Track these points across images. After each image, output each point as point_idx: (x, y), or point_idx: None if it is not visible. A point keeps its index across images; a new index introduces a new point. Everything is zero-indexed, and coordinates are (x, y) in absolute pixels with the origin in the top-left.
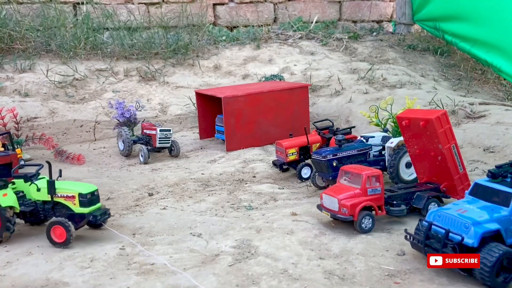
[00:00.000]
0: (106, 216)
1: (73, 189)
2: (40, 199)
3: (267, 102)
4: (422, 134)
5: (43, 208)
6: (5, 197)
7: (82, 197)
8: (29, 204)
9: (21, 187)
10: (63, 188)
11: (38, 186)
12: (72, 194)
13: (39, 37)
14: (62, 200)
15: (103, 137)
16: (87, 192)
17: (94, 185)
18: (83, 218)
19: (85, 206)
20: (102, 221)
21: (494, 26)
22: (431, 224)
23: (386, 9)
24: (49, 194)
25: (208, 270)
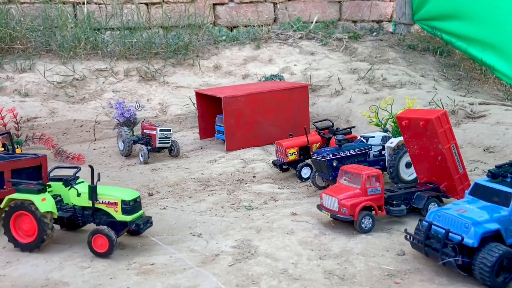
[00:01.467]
0: (148, 225)
1: (115, 195)
2: (79, 205)
3: (267, 102)
4: (422, 134)
5: (82, 214)
6: (43, 202)
7: (125, 204)
8: (67, 210)
9: (59, 190)
10: (105, 194)
11: (78, 190)
12: (114, 201)
13: (39, 37)
14: (104, 207)
15: (103, 137)
16: (130, 199)
17: (136, 191)
18: (125, 227)
19: (128, 213)
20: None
21: (489, 24)
22: (431, 224)
23: (386, 9)
24: (90, 200)
25: (208, 270)
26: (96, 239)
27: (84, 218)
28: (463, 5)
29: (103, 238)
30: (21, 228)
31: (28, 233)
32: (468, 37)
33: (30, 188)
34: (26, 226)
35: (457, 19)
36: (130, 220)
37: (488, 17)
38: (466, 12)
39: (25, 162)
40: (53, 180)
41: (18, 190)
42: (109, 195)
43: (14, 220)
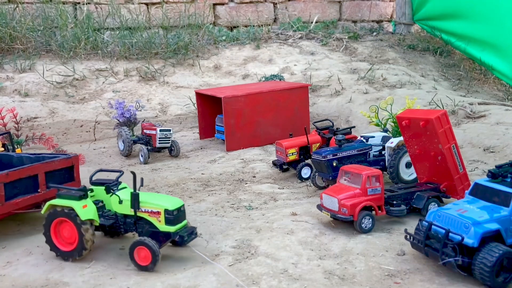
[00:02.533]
0: (193, 236)
1: (158, 203)
2: (121, 212)
3: (267, 102)
4: (422, 134)
5: (124, 222)
6: (85, 208)
7: (168, 214)
8: (109, 217)
9: (100, 195)
10: (147, 202)
11: (120, 197)
12: (157, 210)
13: (39, 37)
14: (146, 216)
15: (103, 137)
16: (173, 208)
17: (179, 199)
18: (168, 238)
19: (171, 224)
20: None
21: (489, 24)
22: (431, 224)
23: (386, 9)
24: (132, 208)
25: (208, 270)
26: (138, 251)
27: (126, 227)
28: (463, 5)
29: (146, 250)
30: (62, 235)
31: (69, 241)
32: (467, 36)
33: (71, 194)
34: (66, 233)
35: (457, 19)
36: (173, 231)
37: (488, 17)
38: (465, 12)
39: (59, 163)
40: (96, 185)
41: (58, 196)
42: (152, 203)
43: (55, 227)
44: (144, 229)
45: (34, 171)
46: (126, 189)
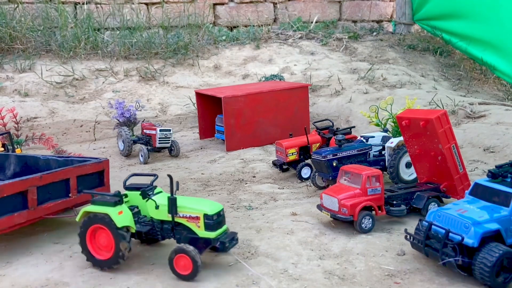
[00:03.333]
0: (234, 242)
1: (197, 208)
2: (158, 218)
3: (267, 102)
4: (422, 134)
5: (161, 228)
6: (121, 215)
7: (208, 219)
8: (145, 223)
9: (135, 201)
10: (185, 206)
11: (156, 202)
12: (196, 215)
13: (39, 37)
14: (184, 222)
15: (103, 137)
16: (213, 213)
17: (219, 203)
18: (208, 244)
19: (211, 229)
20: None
21: (489, 24)
22: (431, 224)
23: (386, 9)
24: (169, 213)
25: (208, 270)
26: (178, 259)
27: (163, 233)
28: (463, 5)
29: (187, 258)
30: (98, 243)
31: (105, 249)
32: (468, 36)
33: (106, 199)
34: (103, 241)
35: (458, 18)
36: (214, 237)
37: (488, 16)
38: (466, 11)
39: (90, 167)
40: (130, 189)
41: (93, 202)
42: (190, 208)
43: (91, 234)
44: (183, 235)
45: (67, 175)
46: (162, 194)
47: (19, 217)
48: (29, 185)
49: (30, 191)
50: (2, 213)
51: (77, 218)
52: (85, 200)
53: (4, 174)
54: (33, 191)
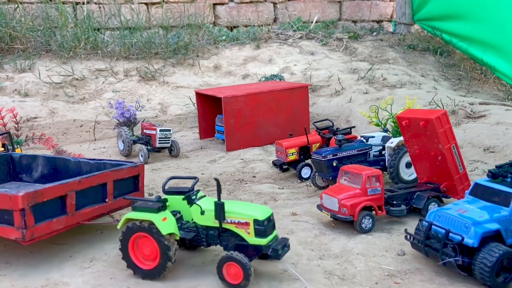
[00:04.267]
0: (286, 249)
1: (246, 213)
2: (203, 224)
3: (267, 102)
4: (422, 134)
5: (206, 234)
6: (165, 221)
7: (258, 225)
8: (189, 229)
9: (176, 206)
10: (233, 211)
11: (202, 208)
12: (245, 221)
13: (39, 37)
14: (233, 228)
15: (103, 137)
16: (264, 218)
17: (268, 208)
18: (259, 252)
19: (262, 236)
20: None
21: (490, 25)
22: (431, 224)
23: (386, 9)
24: (217, 219)
25: (208, 270)
26: (228, 267)
27: (209, 240)
28: (463, 6)
29: (237, 267)
30: (141, 251)
31: (149, 258)
32: (469, 37)
33: (148, 206)
34: (146, 249)
35: (458, 19)
36: (265, 244)
37: (488, 17)
38: (466, 12)
39: (127, 171)
40: (170, 193)
41: (134, 208)
42: (239, 213)
43: (133, 243)
44: (230, 242)
45: (104, 179)
46: (205, 198)
47: (58, 223)
48: (69, 190)
49: (69, 196)
50: (41, 219)
51: (118, 226)
52: (120, 206)
53: (31, 176)
54: (72, 195)
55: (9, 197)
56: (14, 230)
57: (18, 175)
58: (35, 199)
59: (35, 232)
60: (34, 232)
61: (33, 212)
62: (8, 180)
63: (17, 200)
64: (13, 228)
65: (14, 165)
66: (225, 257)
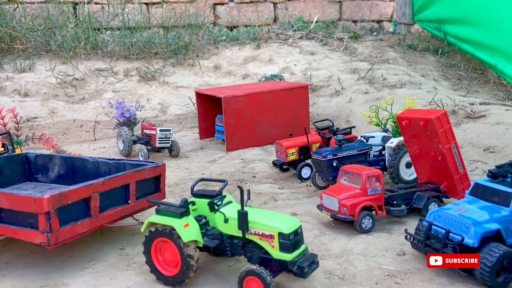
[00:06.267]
0: (314, 266)
1: (271, 225)
2: (227, 233)
3: (267, 102)
4: (422, 134)
5: (231, 243)
6: (187, 228)
7: (284, 238)
8: (214, 236)
9: (203, 210)
10: (257, 222)
11: (225, 215)
12: (270, 233)
13: (39, 37)
14: (257, 240)
15: (103, 137)
16: (290, 231)
17: (296, 220)
18: (284, 267)
19: (287, 250)
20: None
21: (499, 30)
22: (431, 224)
23: (386, 9)
24: (240, 229)
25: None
26: (249, 281)
27: (233, 249)
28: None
29: (258, 282)
30: (164, 257)
31: (171, 264)
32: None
33: (171, 210)
34: (168, 255)
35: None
36: (290, 260)
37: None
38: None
39: (149, 172)
40: (198, 196)
41: (158, 212)
42: (263, 224)
43: (156, 247)
44: (254, 254)
45: (127, 180)
46: (232, 204)
47: (82, 226)
48: (93, 191)
49: (93, 198)
50: (66, 222)
51: (142, 229)
52: (142, 208)
53: (47, 176)
54: (96, 197)
55: (33, 199)
56: (38, 234)
57: (34, 175)
58: (60, 202)
59: (60, 236)
60: (59, 236)
61: (58, 215)
62: (24, 181)
63: (43, 203)
64: (37, 232)
65: (30, 165)
66: (246, 271)
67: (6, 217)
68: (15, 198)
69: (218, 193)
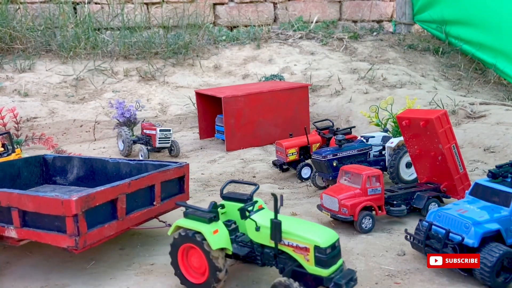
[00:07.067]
0: (352, 284)
1: (306, 237)
2: (258, 242)
3: (267, 102)
4: (422, 134)
5: (262, 252)
6: (216, 234)
7: (320, 252)
8: (244, 243)
9: (233, 214)
10: (292, 233)
11: (257, 223)
12: (305, 245)
13: (39, 37)
14: (290, 251)
15: (103, 137)
16: (327, 245)
17: (334, 232)
18: (319, 283)
19: (323, 266)
20: None
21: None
22: (432, 224)
23: (386, 9)
24: (272, 239)
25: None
26: None
27: (264, 259)
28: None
29: None
30: (191, 263)
31: (198, 271)
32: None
33: (199, 214)
34: (195, 261)
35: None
36: (326, 276)
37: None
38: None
39: (173, 172)
40: (228, 199)
41: (185, 215)
42: (298, 235)
43: (183, 252)
44: (287, 266)
45: (152, 181)
46: (264, 211)
47: (109, 228)
48: (119, 193)
49: (120, 199)
50: (93, 225)
51: (169, 232)
52: (166, 209)
53: (65, 178)
54: (123, 199)
55: (61, 202)
56: (66, 238)
57: (52, 178)
58: (88, 204)
59: (88, 239)
60: (87, 239)
61: (86, 218)
62: (41, 183)
63: (71, 205)
64: (64, 236)
65: (47, 167)
66: (277, 284)
67: (30, 220)
68: (41, 201)
69: (249, 197)
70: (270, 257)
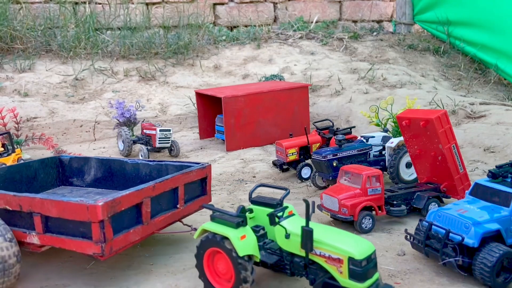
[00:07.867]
0: None
1: (340, 247)
2: (288, 250)
3: (267, 102)
4: (422, 134)
5: (291, 261)
6: (243, 240)
7: (354, 265)
8: (272, 251)
9: (261, 220)
10: (324, 242)
11: (287, 230)
12: (338, 256)
13: (39, 37)
14: (321, 261)
15: (103, 137)
16: (362, 257)
17: (370, 243)
18: None
19: (358, 279)
20: None
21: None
22: (432, 224)
23: (386, 9)
24: (303, 248)
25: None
26: None
27: (294, 269)
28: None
29: None
30: (216, 268)
31: (224, 277)
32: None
33: (227, 218)
34: (222, 267)
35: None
36: None
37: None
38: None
39: (196, 174)
40: (257, 204)
41: (212, 218)
42: (331, 245)
43: (209, 256)
44: (318, 277)
45: (176, 183)
46: (294, 217)
47: (135, 234)
48: (144, 196)
49: (145, 203)
50: (119, 230)
51: (195, 236)
52: (190, 212)
53: (83, 180)
54: (147, 203)
55: (86, 207)
56: (91, 245)
57: (68, 179)
58: (113, 209)
59: (114, 245)
60: (113, 245)
61: (112, 223)
62: (58, 185)
63: (97, 211)
64: (90, 242)
65: (64, 169)
66: None
67: (54, 226)
68: (65, 206)
69: (279, 202)
70: (300, 267)
